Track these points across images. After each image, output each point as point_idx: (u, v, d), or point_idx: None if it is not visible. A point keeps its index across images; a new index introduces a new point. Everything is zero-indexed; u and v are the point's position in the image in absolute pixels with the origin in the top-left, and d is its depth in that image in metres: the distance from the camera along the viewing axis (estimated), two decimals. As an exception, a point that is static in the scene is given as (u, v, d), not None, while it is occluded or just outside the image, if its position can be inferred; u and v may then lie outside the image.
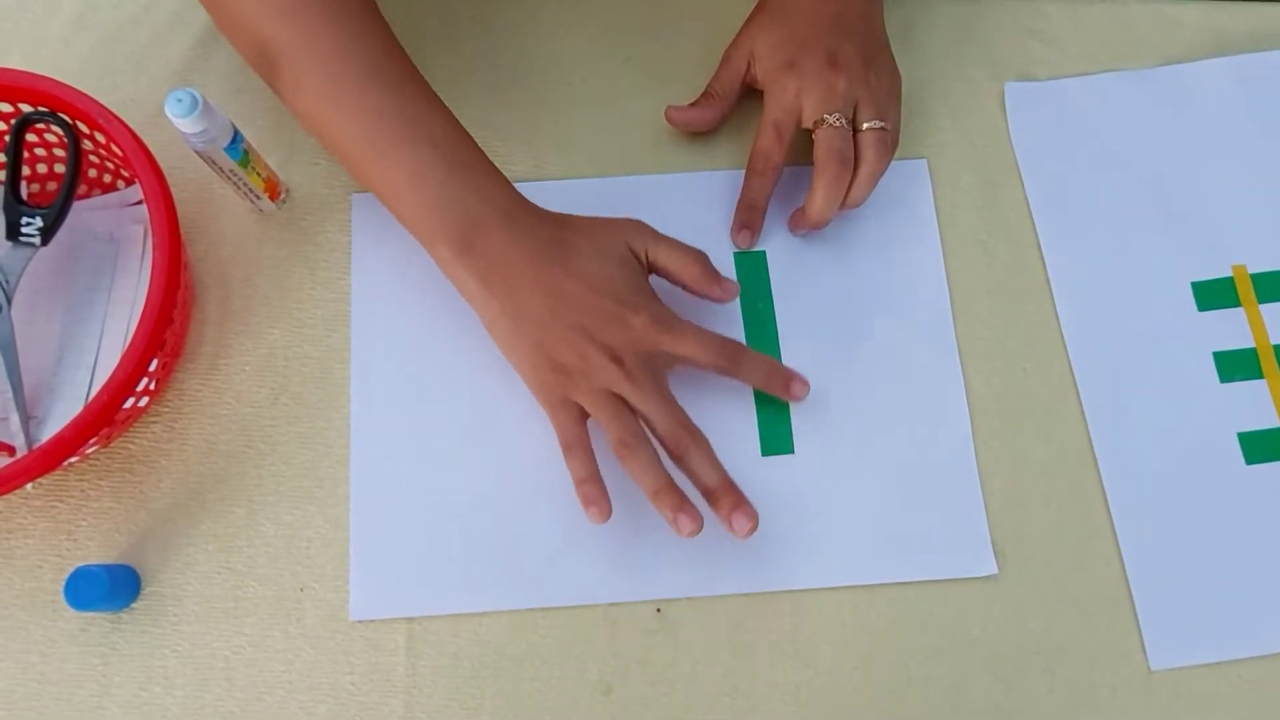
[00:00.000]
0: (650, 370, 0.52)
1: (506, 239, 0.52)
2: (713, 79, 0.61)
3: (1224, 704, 0.53)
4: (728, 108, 0.60)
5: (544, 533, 0.55)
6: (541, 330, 0.52)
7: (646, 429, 0.52)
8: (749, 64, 0.59)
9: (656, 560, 0.54)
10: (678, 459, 0.52)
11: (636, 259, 0.54)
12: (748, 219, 0.59)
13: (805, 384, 0.55)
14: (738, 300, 0.59)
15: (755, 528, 0.51)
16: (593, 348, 0.51)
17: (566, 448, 0.52)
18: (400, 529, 0.55)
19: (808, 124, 0.57)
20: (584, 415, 0.52)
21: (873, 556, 0.55)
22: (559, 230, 0.54)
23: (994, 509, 0.56)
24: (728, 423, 0.56)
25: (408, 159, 0.52)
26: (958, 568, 0.54)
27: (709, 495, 0.52)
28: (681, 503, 0.50)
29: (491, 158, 0.55)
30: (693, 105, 0.60)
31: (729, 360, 0.54)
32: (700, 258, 0.55)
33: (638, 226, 0.55)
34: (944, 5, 0.66)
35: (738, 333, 0.58)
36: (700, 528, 0.50)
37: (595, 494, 0.51)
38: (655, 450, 0.51)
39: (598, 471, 0.51)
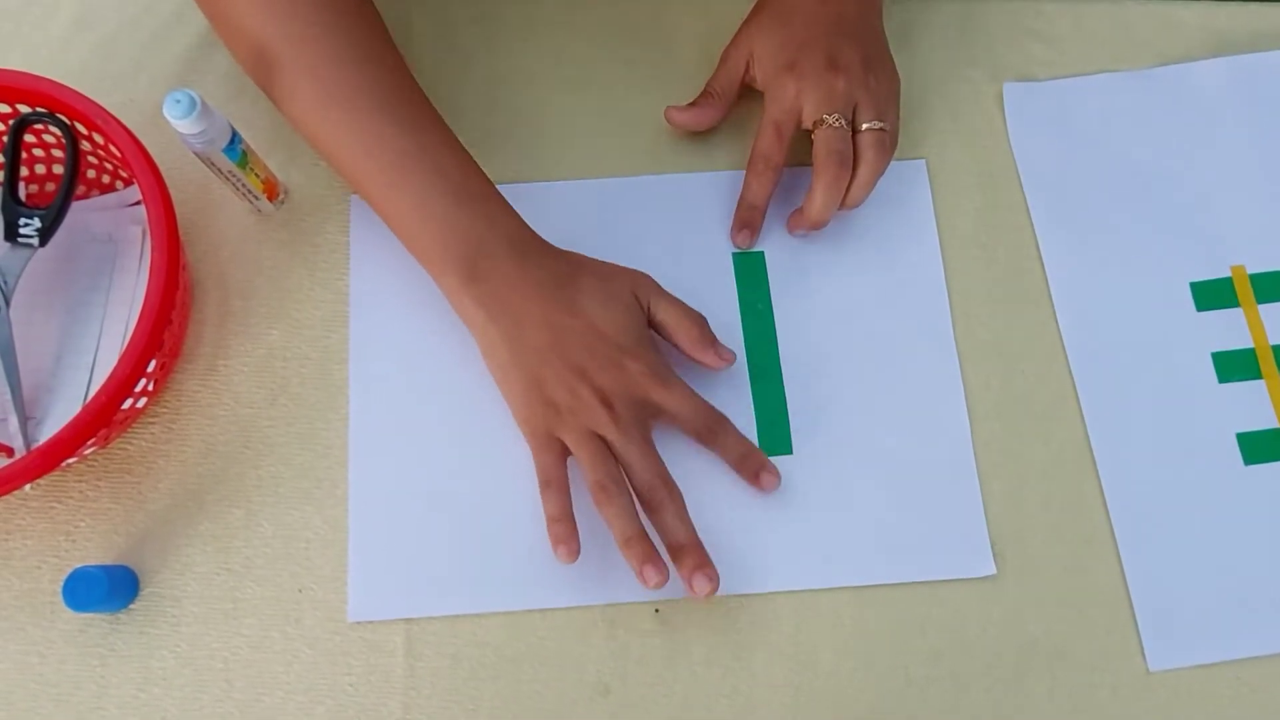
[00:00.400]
0: (638, 419, 0.53)
1: (513, 269, 0.53)
2: (712, 79, 0.61)
3: (1223, 705, 0.53)
4: (727, 107, 0.61)
5: (542, 533, 0.54)
6: (539, 363, 0.52)
7: (625, 476, 0.52)
8: (748, 64, 0.59)
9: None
10: (650, 511, 0.52)
11: (640, 308, 0.54)
12: (748, 219, 0.59)
13: (776, 476, 0.55)
14: (737, 298, 0.59)
15: (715, 590, 0.51)
16: (586, 388, 0.52)
17: (544, 484, 0.53)
18: (398, 530, 0.55)
19: (807, 124, 0.57)
20: (565, 453, 0.53)
21: (871, 557, 0.55)
22: (567, 267, 0.54)
23: (993, 510, 0.56)
24: (726, 423, 0.56)
25: (415, 187, 0.53)
26: (956, 569, 0.54)
27: (675, 551, 0.52)
28: (650, 554, 0.51)
29: (491, 158, 0.55)
30: (692, 105, 0.61)
31: (709, 429, 0.54)
32: (700, 321, 0.55)
33: (645, 278, 0.55)
34: (943, 6, 0.66)
35: (737, 334, 0.58)
36: (665, 580, 0.51)
37: (566, 533, 0.51)
38: (631, 499, 0.52)
39: (571, 511, 0.52)
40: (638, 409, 0.53)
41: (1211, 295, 0.59)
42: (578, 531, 0.51)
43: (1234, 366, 0.58)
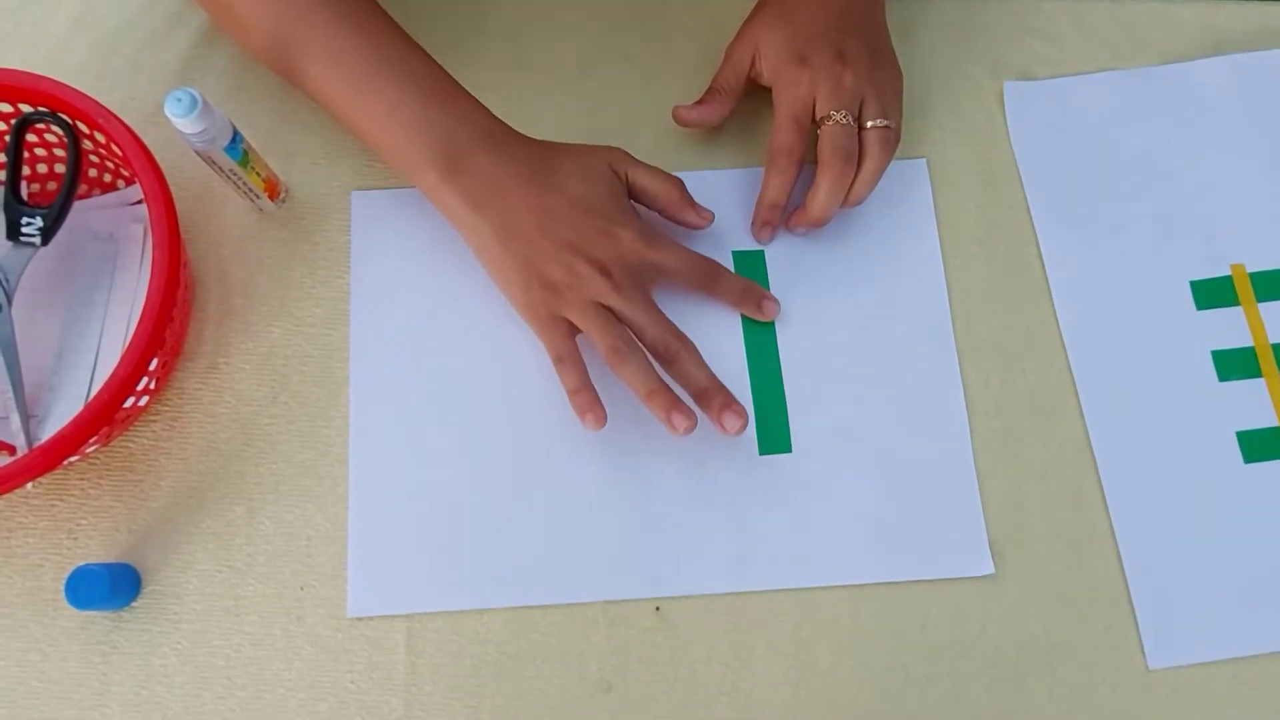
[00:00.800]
0: (637, 282, 0.54)
1: (492, 158, 0.54)
2: (717, 75, 0.60)
3: (1222, 703, 0.53)
4: (734, 103, 0.60)
5: (542, 530, 0.55)
6: (530, 247, 0.53)
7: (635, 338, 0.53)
8: (754, 59, 0.59)
9: (655, 557, 0.54)
10: (667, 364, 0.53)
11: (618, 180, 0.56)
12: (770, 217, 0.59)
13: (776, 303, 0.57)
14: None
15: (745, 425, 0.53)
16: (581, 262, 0.53)
17: (558, 360, 0.54)
18: (398, 526, 0.55)
19: (815, 118, 0.57)
20: (574, 331, 0.54)
21: (869, 556, 0.55)
22: (543, 151, 0.56)
23: (993, 508, 0.56)
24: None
25: (387, 92, 0.54)
26: (954, 567, 0.55)
27: (700, 397, 0.53)
28: (674, 402, 0.52)
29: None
30: (699, 103, 0.60)
31: (708, 276, 0.56)
32: (678, 183, 0.57)
33: (619, 151, 0.57)
34: (944, 4, 0.66)
35: (736, 332, 0.58)
36: (694, 425, 0.52)
37: (588, 402, 0.52)
38: (646, 356, 0.53)
39: (590, 382, 0.53)
40: (635, 273, 0.54)
41: (1211, 293, 0.59)
42: (600, 400, 0.52)
43: (1234, 365, 0.58)
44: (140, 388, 0.51)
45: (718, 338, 0.57)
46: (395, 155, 0.55)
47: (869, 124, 0.56)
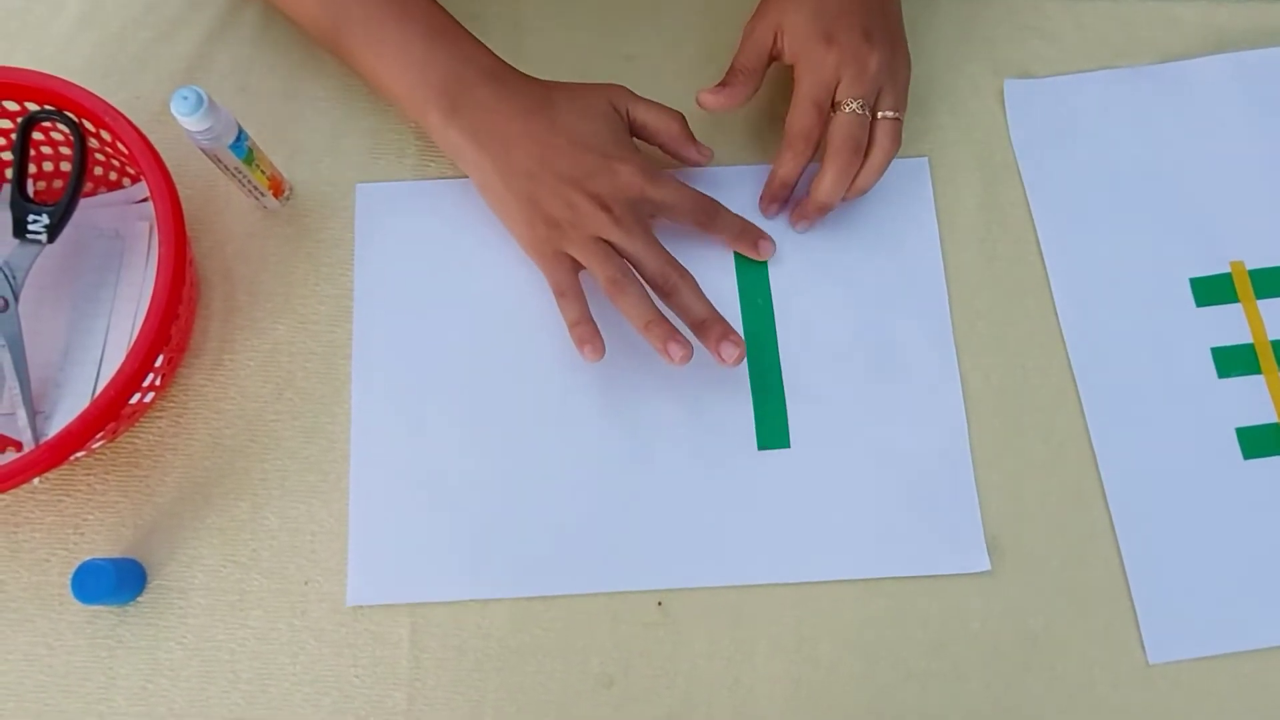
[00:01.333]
0: (637, 217, 0.55)
1: (493, 94, 0.55)
2: (738, 56, 0.59)
3: (1222, 698, 0.53)
4: (757, 84, 0.59)
5: (544, 522, 0.55)
6: (532, 183, 0.54)
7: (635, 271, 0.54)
8: (776, 36, 0.58)
9: (657, 550, 0.55)
10: (666, 296, 0.54)
11: (619, 116, 0.57)
12: (779, 194, 0.59)
13: (772, 243, 0.58)
14: (737, 293, 0.59)
15: (742, 355, 0.54)
16: (581, 196, 0.54)
17: (559, 294, 0.55)
18: (399, 516, 0.55)
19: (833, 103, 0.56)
20: (576, 266, 0.55)
21: (866, 551, 0.55)
22: (543, 89, 0.57)
23: (993, 504, 0.56)
24: (724, 416, 0.57)
25: (390, 37, 0.55)
26: (950, 564, 0.55)
27: (698, 328, 0.54)
28: (671, 332, 0.53)
29: (495, 154, 0.55)
30: (721, 86, 0.58)
31: (706, 214, 0.57)
32: (679, 118, 0.58)
33: (619, 88, 0.58)
34: (945, 2, 0.66)
35: (736, 327, 0.58)
36: (690, 355, 0.53)
37: (588, 334, 0.53)
38: (644, 288, 0.54)
39: (590, 315, 0.54)
40: (635, 207, 0.55)
41: (1211, 290, 0.60)
42: (600, 333, 0.53)
43: (1233, 361, 0.58)
44: (146, 384, 0.51)
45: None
46: (402, 97, 0.56)
47: (881, 115, 0.56)
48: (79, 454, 0.49)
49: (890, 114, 0.56)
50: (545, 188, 0.54)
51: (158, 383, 0.54)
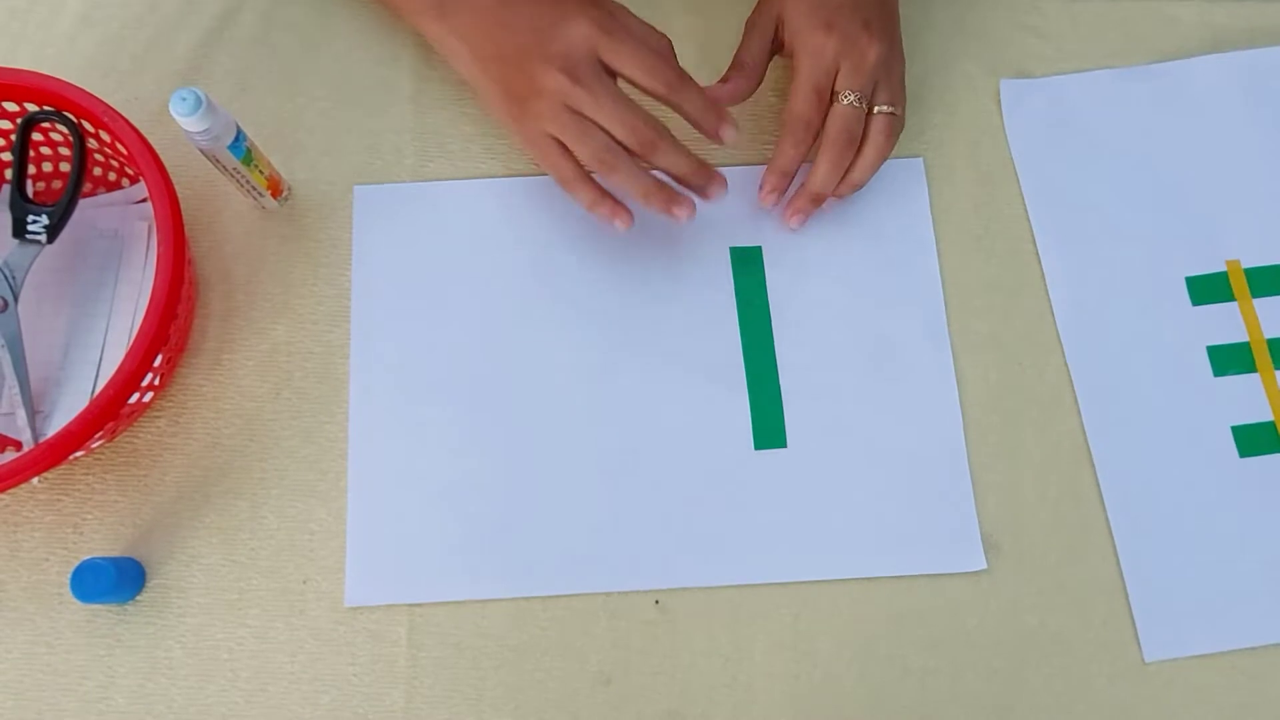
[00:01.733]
0: (596, 74, 0.53)
1: None
2: (741, 49, 0.59)
3: (1218, 695, 0.53)
4: (761, 76, 0.59)
5: (541, 522, 0.55)
6: (501, 65, 0.54)
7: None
8: (777, 28, 0.58)
9: (654, 549, 0.55)
10: (648, 156, 0.53)
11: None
12: (779, 184, 0.59)
13: (734, 128, 0.54)
14: (734, 298, 0.59)
15: (725, 187, 0.54)
16: (538, 63, 0.52)
17: (564, 182, 0.54)
18: (397, 516, 0.55)
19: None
20: (565, 148, 0.54)
21: (863, 550, 0.55)
22: None
23: (990, 503, 0.56)
24: (721, 416, 0.57)
25: None
26: (946, 563, 0.55)
27: (685, 181, 0.54)
28: (672, 195, 0.53)
29: (494, 154, 0.55)
30: (726, 80, 0.58)
31: (668, 84, 0.53)
32: (663, 41, 0.55)
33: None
34: (941, 1, 0.66)
35: (733, 328, 0.59)
36: (694, 209, 0.53)
37: (611, 209, 0.54)
38: (631, 159, 0.53)
39: (602, 190, 0.54)
40: (595, 66, 0.53)
41: (1207, 289, 0.60)
42: (620, 201, 0.54)
43: (1229, 360, 0.58)
44: (145, 384, 0.51)
45: (713, 333, 0.58)
46: (398, 3, 0.56)
47: (876, 109, 0.56)
48: (78, 453, 0.50)
49: (886, 108, 0.56)
50: (510, 65, 0.53)
51: (156, 382, 0.54)
